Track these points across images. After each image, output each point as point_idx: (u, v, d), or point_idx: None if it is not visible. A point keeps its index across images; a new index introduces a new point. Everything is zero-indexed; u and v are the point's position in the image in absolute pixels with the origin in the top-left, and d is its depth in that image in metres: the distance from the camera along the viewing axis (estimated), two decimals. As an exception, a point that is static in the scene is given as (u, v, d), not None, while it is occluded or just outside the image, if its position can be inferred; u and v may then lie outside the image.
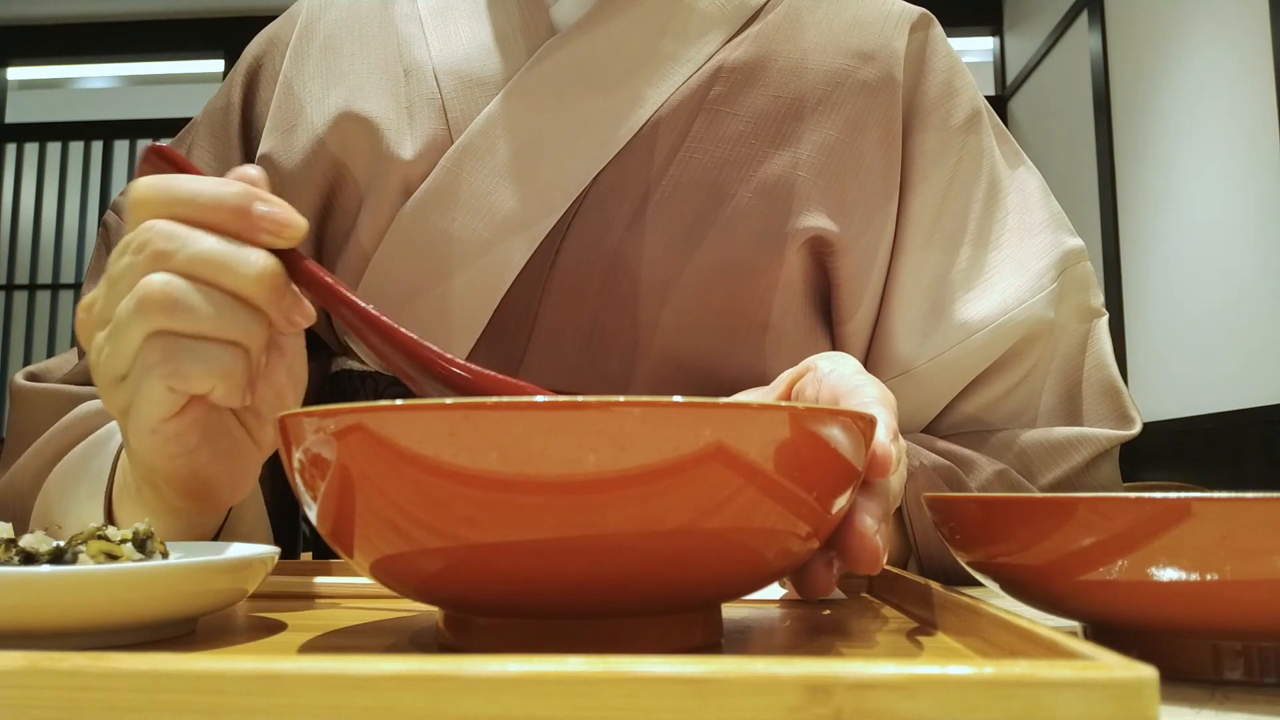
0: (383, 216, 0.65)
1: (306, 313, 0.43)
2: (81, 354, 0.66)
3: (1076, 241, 0.69)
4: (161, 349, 0.40)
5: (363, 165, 0.66)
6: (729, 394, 0.65)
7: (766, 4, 0.70)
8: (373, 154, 0.66)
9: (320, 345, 0.72)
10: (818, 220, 0.65)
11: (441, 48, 0.68)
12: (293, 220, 0.42)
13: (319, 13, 0.72)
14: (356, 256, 0.67)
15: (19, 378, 0.65)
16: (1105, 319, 0.70)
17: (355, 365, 0.69)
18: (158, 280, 0.40)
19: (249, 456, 0.47)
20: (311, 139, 0.67)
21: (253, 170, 0.43)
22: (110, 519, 0.52)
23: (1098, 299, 0.70)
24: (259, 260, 0.41)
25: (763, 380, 0.65)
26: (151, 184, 0.42)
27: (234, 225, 0.41)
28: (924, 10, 0.73)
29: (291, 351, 0.46)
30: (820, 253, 0.66)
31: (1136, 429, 0.68)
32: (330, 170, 0.67)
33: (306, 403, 0.74)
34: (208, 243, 0.41)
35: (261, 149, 0.69)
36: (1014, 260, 0.68)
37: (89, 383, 0.64)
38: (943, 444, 0.64)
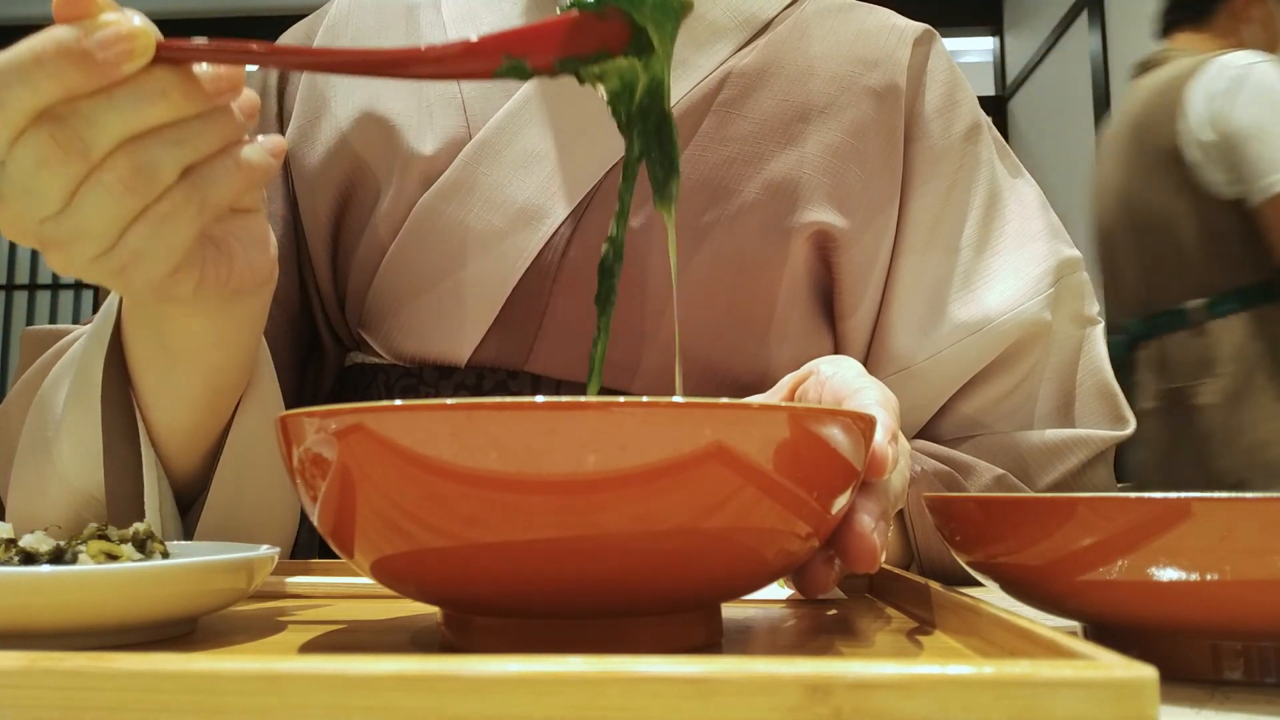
0: (401, 208, 0.67)
1: (229, 74, 0.40)
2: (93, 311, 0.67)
3: (1073, 252, 0.71)
4: (175, 209, 0.39)
5: (383, 160, 0.68)
6: (734, 385, 0.66)
7: (775, 17, 0.72)
8: (393, 149, 0.68)
9: (335, 339, 0.73)
10: (822, 214, 0.66)
11: None
12: (128, 33, 0.37)
13: (346, 15, 0.75)
14: (374, 248, 0.68)
15: (29, 328, 0.66)
16: (1100, 327, 0.72)
17: (367, 359, 0.70)
18: (110, 180, 0.38)
19: (237, 229, 0.46)
20: (334, 134, 0.69)
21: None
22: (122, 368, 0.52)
23: (1093, 308, 0.72)
24: (158, 89, 0.38)
25: (767, 371, 0.66)
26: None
27: (92, 76, 0.37)
28: (927, 26, 0.75)
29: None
30: (824, 247, 0.68)
31: (1131, 428, 0.69)
32: (351, 165, 0.69)
33: (319, 399, 0.75)
34: (100, 116, 0.38)
35: (286, 137, 0.72)
36: (1012, 265, 0.70)
37: None
38: (943, 449, 0.65)
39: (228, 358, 0.52)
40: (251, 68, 0.42)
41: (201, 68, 0.39)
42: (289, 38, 0.77)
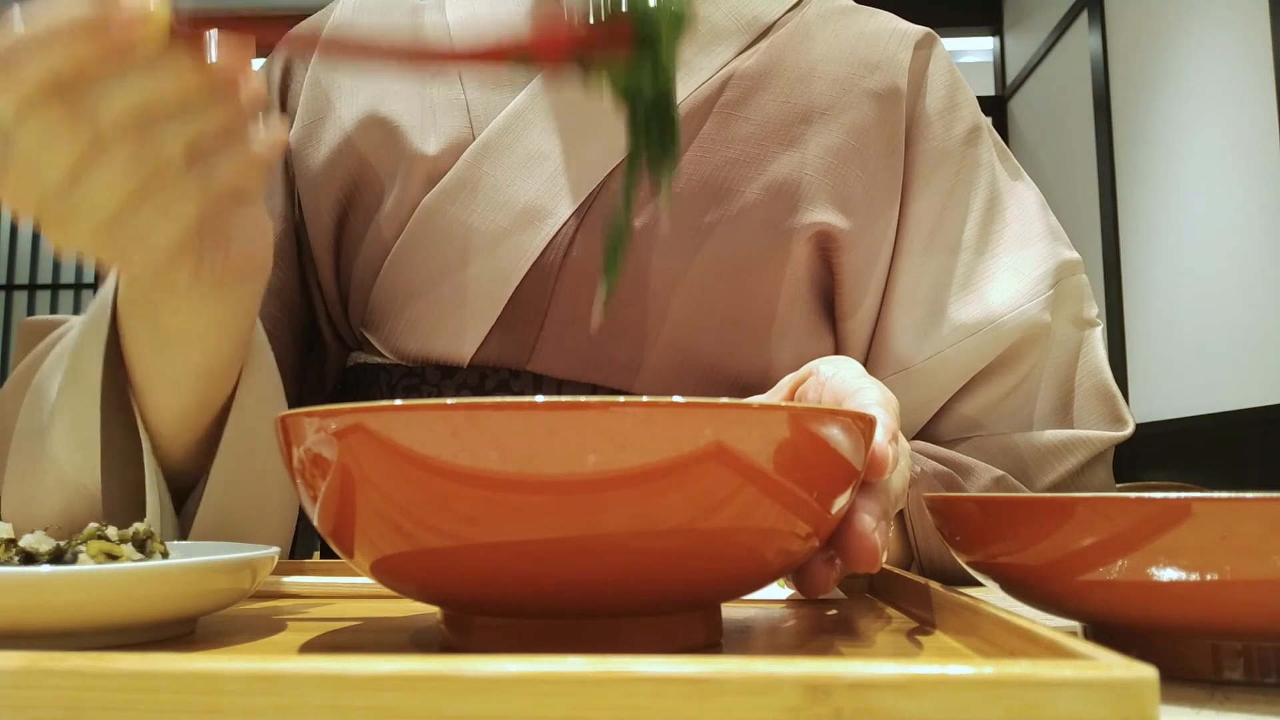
0: (404, 209, 0.67)
1: (243, 49, 0.40)
2: None
3: (1073, 254, 0.71)
4: (182, 188, 0.39)
5: (387, 161, 0.69)
6: (735, 385, 0.66)
7: (778, 20, 0.72)
8: (397, 150, 0.68)
9: (337, 339, 0.74)
10: (824, 215, 0.67)
11: None
12: (140, 12, 0.37)
13: (351, 15, 0.75)
14: (377, 247, 0.69)
15: (27, 319, 0.66)
16: (1100, 329, 0.72)
17: (370, 359, 0.70)
18: (114, 161, 0.38)
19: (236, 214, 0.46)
20: (338, 134, 0.70)
21: None
22: (117, 351, 0.53)
23: (1092, 310, 0.72)
24: (165, 69, 0.38)
25: (768, 371, 0.67)
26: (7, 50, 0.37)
27: (101, 52, 0.37)
28: (928, 29, 0.75)
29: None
30: (825, 248, 0.68)
31: (1129, 430, 0.69)
32: (354, 165, 0.69)
33: (321, 398, 0.75)
34: (109, 91, 0.38)
35: (290, 136, 0.72)
36: (1012, 267, 0.70)
37: None
38: (942, 450, 0.65)
39: (221, 342, 0.52)
40: (257, 62, 0.42)
41: (213, 52, 0.40)
42: (300, 31, 0.77)
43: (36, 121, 0.38)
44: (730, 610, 0.43)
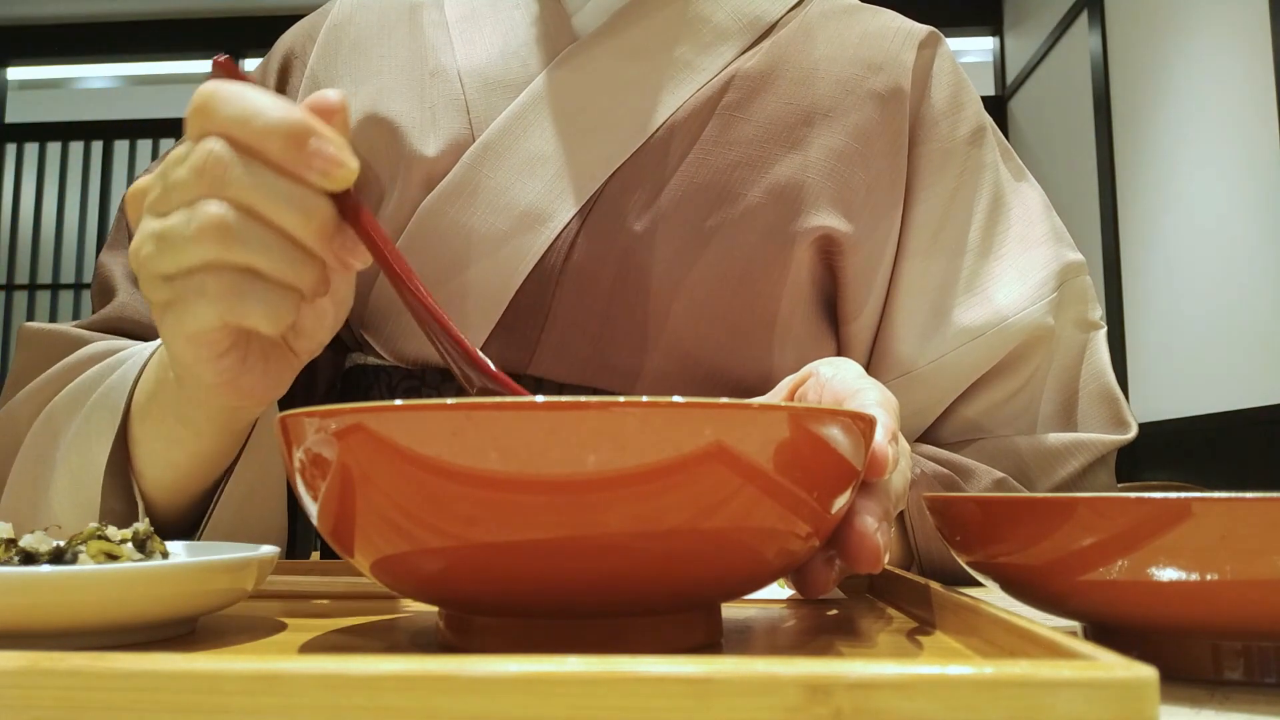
0: (404, 212, 0.67)
1: (360, 255, 0.42)
2: (93, 311, 0.68)
3: (1077, 256, 0.71)
4: (224, 284, 0.40)
5: (386, 163, 0.68)
6: (737, 389, 0.66)
7: (780, 20, 0.72)
8: (397, 152, 0.68)
9: (335, 340, 0.73)
10: (826, 219, 0.66)
11: (466, 53, 0.70)
12: (344, 161, 0.40)
13: (349, 14, 0.75)
14: None
15: (26, 325, 0.66)
16: (1103, 331, 0.72)
17: (369, 360, 0.70)
18: (215, 210, 0.39)
19: (283, 361, 0.47)
20: None
21: (333, 95, 0.41)
22: (125, 440, 0.54)
23: (1096, 312, 0.72)
24: (313, 207, 0.40)
25: (769, 376, 0.66)
26: (214, 93, 0.40)
27: (286, 157, 0.39)
28: (932, 29, 0.74)
29: (339, 280, 0.45)
30: (828, 251, 0.67)
31: (1132, 433, 0.69)
32: None
33: (319, 399, 0.75)
34: (263, 179, 0.39)
35: None
36: (1015, 269, 0.69)
37: (102, 330, 0.65)
38: (943, 453, 0.65)
39: (239, 430, 0.53)
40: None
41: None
42: (290, 37, 0.76)
43: (196, 152, 0.40)
44: (730, 610, 0.43)
